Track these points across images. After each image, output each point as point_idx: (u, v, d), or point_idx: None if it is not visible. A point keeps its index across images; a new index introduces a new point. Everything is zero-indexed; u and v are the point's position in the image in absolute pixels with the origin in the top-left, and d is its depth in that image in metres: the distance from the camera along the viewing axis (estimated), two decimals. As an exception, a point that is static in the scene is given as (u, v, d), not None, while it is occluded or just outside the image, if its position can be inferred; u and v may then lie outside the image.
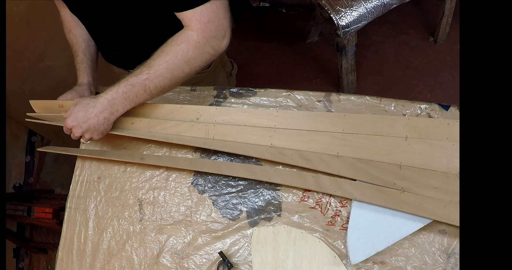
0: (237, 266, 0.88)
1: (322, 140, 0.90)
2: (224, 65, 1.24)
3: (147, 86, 0.83)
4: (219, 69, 1.20)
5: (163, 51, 0.83)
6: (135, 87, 0.84)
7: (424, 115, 0.92)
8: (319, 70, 2.18)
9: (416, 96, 1.99)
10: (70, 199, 1.00)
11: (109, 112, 0.85)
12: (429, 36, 2.13)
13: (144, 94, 0.85)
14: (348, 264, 0.84)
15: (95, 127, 0.86)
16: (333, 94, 0.98)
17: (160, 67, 0.82)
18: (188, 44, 0.81)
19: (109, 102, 0.85)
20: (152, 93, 0.85)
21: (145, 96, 0.85)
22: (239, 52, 2.32)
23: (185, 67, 0.83)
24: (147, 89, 0.84)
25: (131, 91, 0.84)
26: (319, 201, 0.90)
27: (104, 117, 0.86)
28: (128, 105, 0.86)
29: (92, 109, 0.85)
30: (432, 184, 0.84)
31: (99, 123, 0.86)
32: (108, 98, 0.85)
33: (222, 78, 1.25)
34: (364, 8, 1.59)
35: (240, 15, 2.40)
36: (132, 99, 0.85)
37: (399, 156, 0.87)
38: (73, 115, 0.86)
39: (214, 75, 1.18)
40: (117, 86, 0.85)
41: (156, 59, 0.83)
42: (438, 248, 0.83)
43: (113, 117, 0.87)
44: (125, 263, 0.93)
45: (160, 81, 0.83)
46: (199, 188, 0.96)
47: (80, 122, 0.86)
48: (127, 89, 0.84)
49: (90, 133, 0.87)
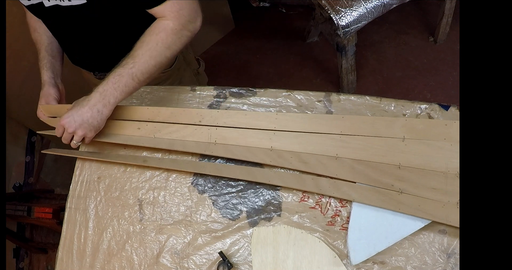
0: (237, 266, 0.88)
1: (320, 142, 0.90)
2: (189, 64, 1.27)
3: (134, 74, 0.87)
4: (183, 68, 1.24)
5: (143, 42, 0.87)
6: (123, 77, 0.87)
7: (424, 116, 0.92)
8: (319, 70, 2.18)
9: (416, 96, 1.98)
10: (70, 199, 1.00)
11: (102, 105, 0.87)
12: (429, 36, 2.13)
13: (132, 82, 0.88)
14: (348, 264, 0.84)
15: (88, 121, 0.87)
16: (333, 94, 0.98)
17: (144, 56, 0.86)
18: (166, 32, 0.86)
19: (101, 95, 0.87)
20: (140, 81, 0.88)
21: (134, 85, 0.88)
22: (239, 52, 2.32)
23: (166, 53, 0.88)
24: (134, 77, 0.87)
25: (120, 82, 0.87)
26: (319, 201, 0.90)
27: (98, 110, 0.87)
28: (119, 95, 0.88)
29: (86, 102, 0.87)
30: (430, 185, 0.84)
31: (93, 117, 0.87)
32: (99, 91, 0.87)
33: (189, 77, 1.28)
34: (364, 8, 1.59)
35: (240, 15, 2.40)
36: (122, 89, 0.87)
37: (397, 156, 0.87)
38: (68, 113, 0.88)
39: (179, 75, 1.22)
40: (106, 79, 0.88)
41: (138, 50, 0.87)
42: (438, 248, 0.83)
43: (106, 110, 0.88)
44: (125, 263, 0.93)
45: (145, 68, 0.87)
46: (199, 188, 0.96)
47: (75, 117, 0.87)
48: (115, 80, 0.87)
49: (84, 128, 0.88)
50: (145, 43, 0.87)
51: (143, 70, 0.87)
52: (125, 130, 0.98)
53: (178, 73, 1.20)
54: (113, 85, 0.87)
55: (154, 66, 0.88)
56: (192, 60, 1.28)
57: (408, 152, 0.87)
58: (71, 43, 1.05)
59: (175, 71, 1.18)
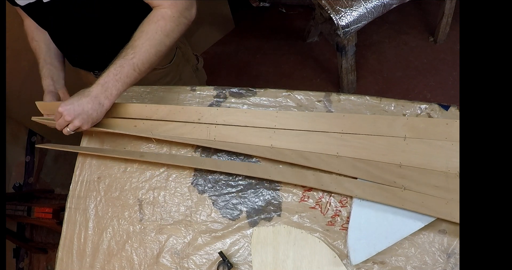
0: (237, 266, 0.88)
1: (321, 140, 0.90)
2: (188, 60, 1.27)
3: (135, 64, 0.86)
4: (183, 64, 1.24)
5: (142, 31, 0.87)
6: (124, 68, 0.86)
7: (424, 115, 0.92)
8: (319, 70, 2.18)
9: (416, 96, 1.98)
10: (70, 199, 1.00)
11: (104, 97, 0.86)
12: (429, 36, 2.13)
13: (134, 73, 0.87)
14: (348, 264, 0.84)
15: (88, 112, 0.86)
16: (333, 94, 0.98)
17: (144, 45, 0.86)
18: (165, 20, 0.87)
19: (103, 87, 0.86)
20: (141, 71, 0.88)
21: (135, 75, 0.88)
22: (239, 52, 2.32)
23: (166, 41, 0.88)
24: (135, 67, 0.87)
25: (121, 73, 0.86)
26: (319, 201, 0.90)
27: (99, 102, 0.86)
28: (121, 87, 0.87)
29: (88, 93, 0.86)
30: (433, 183, 0.84)
31: (94, 108, 0.86)
32: (101, 83, 0.86)
33: (188, 73, 1.28)
34: (364, 8, 1.59)
35: (240, 15, 2.40)
36: (124, 81, 0.87)
37: (398, 155, 0.87)
38: (69, 100, 0.87)
39: (178, 70, 1.22)
40: (107, 71, 0.87)
41: (138, 39, 0.86)
42: (438, 248, 0.83)
43: (107, 102, 0.87)
44: (125, 263, 0.93)
45: (146, 57, 0.87)
46: (199, 188, 0.96)
47: (75, 106, 0.85)
48: (117, 71, 0.86)
49: (82, 119, 0.86)
50: (144, 32, 0.86)
51: (144, 59, 0.87)
52: (119, 127, 0.97)
53: (177, 69, 1.21)
54: (114, 76, 0.86)
55: (154, 55, 0.87)
56: (191, 56, 1.29)
57: (409, 151, 0.87)
58: (69, 42, 1.04)
59: (174, 67, 1.19)
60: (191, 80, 1.29)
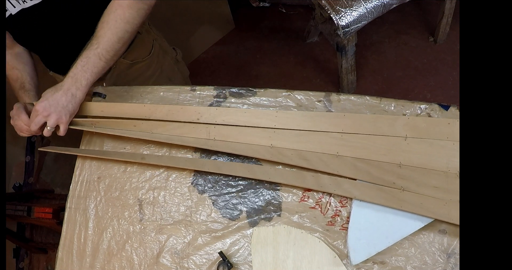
0: (237, 266, 0.88)
1: (321, 140, 0.90)
2: (166, 52, 1.30)
3: (100, 54, 0.91)
4: (162, 55, 1.27)
5: (103, 22, 0.92)
6: (90, 59, 0.91)
7: (424, 115, 0.92)
8: (319, 70, 2.18)
9: (416, 96, 1.98)
10: (70, 199, 1.00)
11: (75, 88, 0.90)
12: (429, 36, 2.13)
13: (100, 62, 0.91)
14: (348, 264, 0.84)
15: (63, 105, 0.90)
16: (333, 94, 0.98)
17: (106, 34, 0.91)
18: (123, 9, 0.91)
19: (72, 79, 0.91)
20: (107, 59, 0.92)
21: (101, 64, 0.92)
22: (239, 52, 2.32)
23: (127, 27, 0.92)
24: (101, 56, 0.91)
25: (88, 63, 0.91)
26: (319, 201, 0.90)
27: (72, 93, 0.90)
28: (90, 77, 0.91)
29: (60, 87, 0.91)
30: (432, 183, 0.84)
31: (68, 100, 0.90)
32: (70, 75, 0.91)
33: (169, 65, 1.31)
34: (364, 8, 1.59)
35: (240, 15, 2.40)
36: (92, 70, 0.91)
37: (398, 155, 0.87)
38: (42, 97, 0.91)
39: (159, 62, 1.25)
40: (75, 63, 0.92)
41: (100, 30, 0.92)
42: (438, 248, 0.83)
43: (80, 93, 0.91)
44: (125, 263, 0.93)
45: (109, 45, 0.91)
46: (199, 188, 0.96)
47: (50, 101, 0.89)
48: (83, 63, 0.91)
49: (58, 112, 0.90)
50: (105, 22, 0.91)
51: (108, 48, 0.91)
52: (120, 128, 0.97)
53: (157, 61, 1.24)
54: (82, 67, 0.90)
55: (117, 43, 0.92)
56: (168, 48, 1.32)
57: (410, 151, 0.86)
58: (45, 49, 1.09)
59: (154, 59, 1.22)
60: (173, 73, 1.32)
